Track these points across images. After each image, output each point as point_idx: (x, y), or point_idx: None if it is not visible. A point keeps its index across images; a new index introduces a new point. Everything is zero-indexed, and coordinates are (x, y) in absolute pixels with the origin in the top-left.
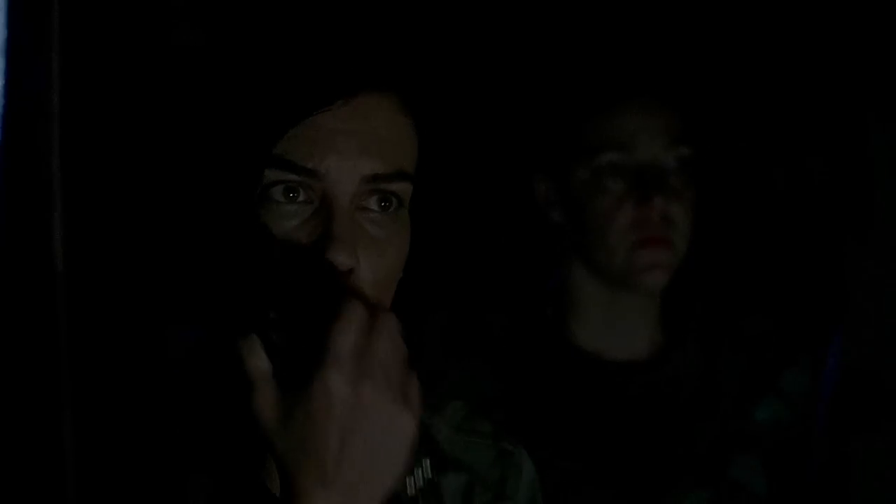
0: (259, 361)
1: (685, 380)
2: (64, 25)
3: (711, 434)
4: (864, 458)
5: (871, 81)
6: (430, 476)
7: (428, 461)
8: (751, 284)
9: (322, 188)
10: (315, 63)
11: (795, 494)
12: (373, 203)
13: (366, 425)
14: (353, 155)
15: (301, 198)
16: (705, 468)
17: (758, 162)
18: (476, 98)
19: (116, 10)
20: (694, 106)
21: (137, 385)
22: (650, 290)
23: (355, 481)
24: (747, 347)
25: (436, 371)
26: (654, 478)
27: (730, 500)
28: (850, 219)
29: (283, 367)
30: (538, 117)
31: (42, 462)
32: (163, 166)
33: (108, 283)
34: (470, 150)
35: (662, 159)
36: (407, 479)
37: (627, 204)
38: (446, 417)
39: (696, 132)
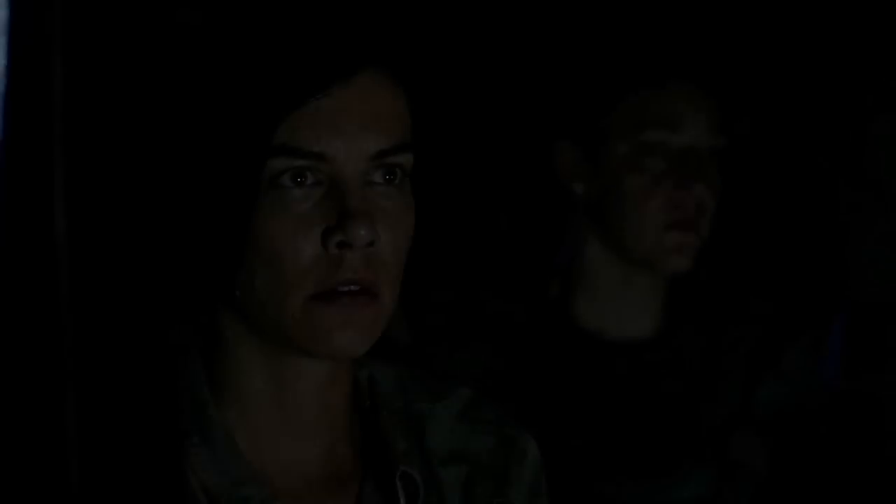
0: None
1: (688, 359)
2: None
3: (714, 414)
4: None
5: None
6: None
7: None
8: (753, 265)
9: (330, 170)
10: (311, 46)
11: (796, 471)
12: (378, 177)
13: None
14: (358, 135)
15: (310, 181)
16: (707, 448)
17: (770, 150)
18: (488, 68)
19: None
20: (730, 97)
21: (142, 381)
22: (674, 271)
23: None
24: (751, 327)
25: (439, 353)
26: (656, 457)
27: (732, 479)
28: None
29: None
30: (574, 87)
31: (45, 458)
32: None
33: (112, 277)
34: (468, 123)
35: (703, 145)
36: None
37: (666, 184)
38: (449, 406)
39: (729, 123)
